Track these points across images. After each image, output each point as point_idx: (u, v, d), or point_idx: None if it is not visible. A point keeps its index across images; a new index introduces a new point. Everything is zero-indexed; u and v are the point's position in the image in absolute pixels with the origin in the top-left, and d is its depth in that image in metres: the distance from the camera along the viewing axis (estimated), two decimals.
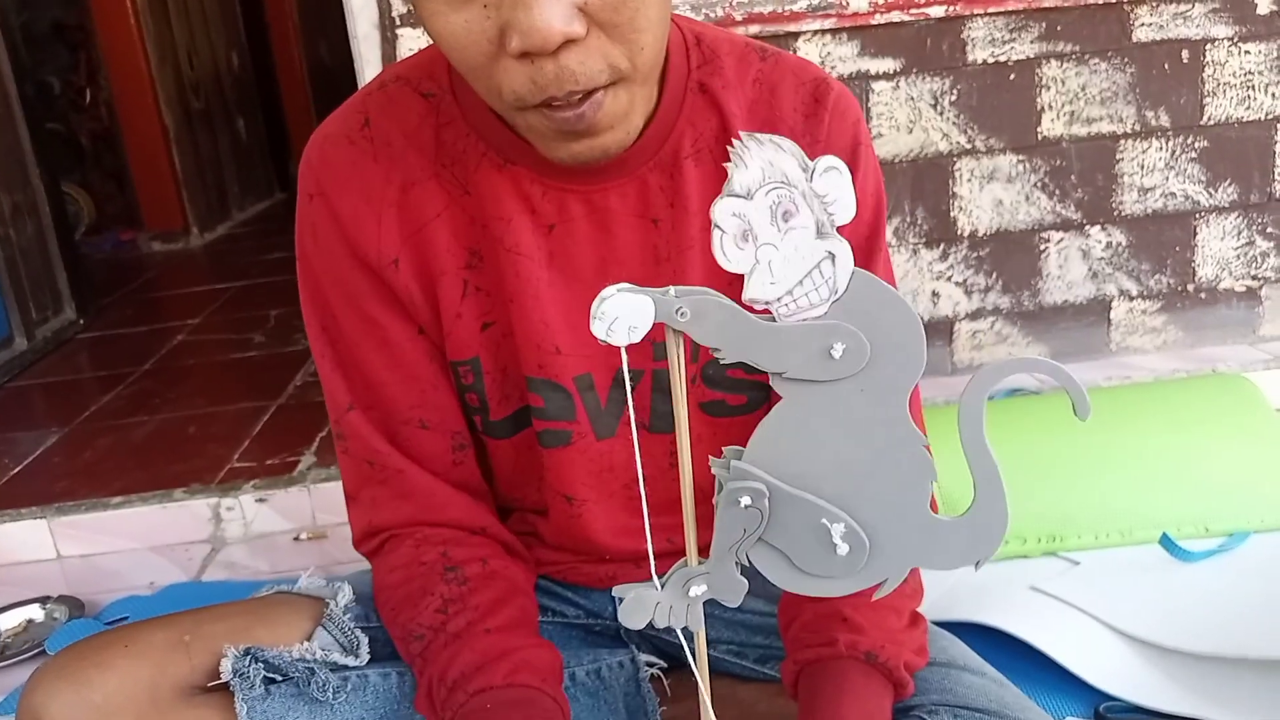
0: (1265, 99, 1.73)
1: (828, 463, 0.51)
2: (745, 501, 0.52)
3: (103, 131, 3.85)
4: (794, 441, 0.51)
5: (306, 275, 0.81)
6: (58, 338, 2.72)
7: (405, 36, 1.57)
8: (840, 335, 0.48)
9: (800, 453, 0.51)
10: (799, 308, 0.48)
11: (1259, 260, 1.82)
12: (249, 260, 3.56)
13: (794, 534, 0.53)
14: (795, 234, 0.46)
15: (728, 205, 0.46)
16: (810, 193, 0.46)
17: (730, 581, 0.54)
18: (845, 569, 0.53)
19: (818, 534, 0.52)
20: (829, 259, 0.47)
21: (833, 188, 0.46)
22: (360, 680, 0.80)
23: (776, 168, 0.46)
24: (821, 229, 0.46)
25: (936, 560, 0.53)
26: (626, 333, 0.49)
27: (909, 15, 1.62)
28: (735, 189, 0.46)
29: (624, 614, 0.56)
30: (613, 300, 0.48)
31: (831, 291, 0.47)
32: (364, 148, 0.77)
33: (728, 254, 0.47)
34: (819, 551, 0.53)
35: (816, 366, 0.49)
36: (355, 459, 0.83)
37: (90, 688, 0.72)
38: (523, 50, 0.59)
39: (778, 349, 0.49)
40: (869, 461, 0.51)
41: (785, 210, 0.46)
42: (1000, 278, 1.79)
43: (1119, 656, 1.09)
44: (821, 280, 0.47)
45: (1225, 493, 1.30)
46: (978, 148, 1.72)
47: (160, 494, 1.66)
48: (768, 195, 0.46)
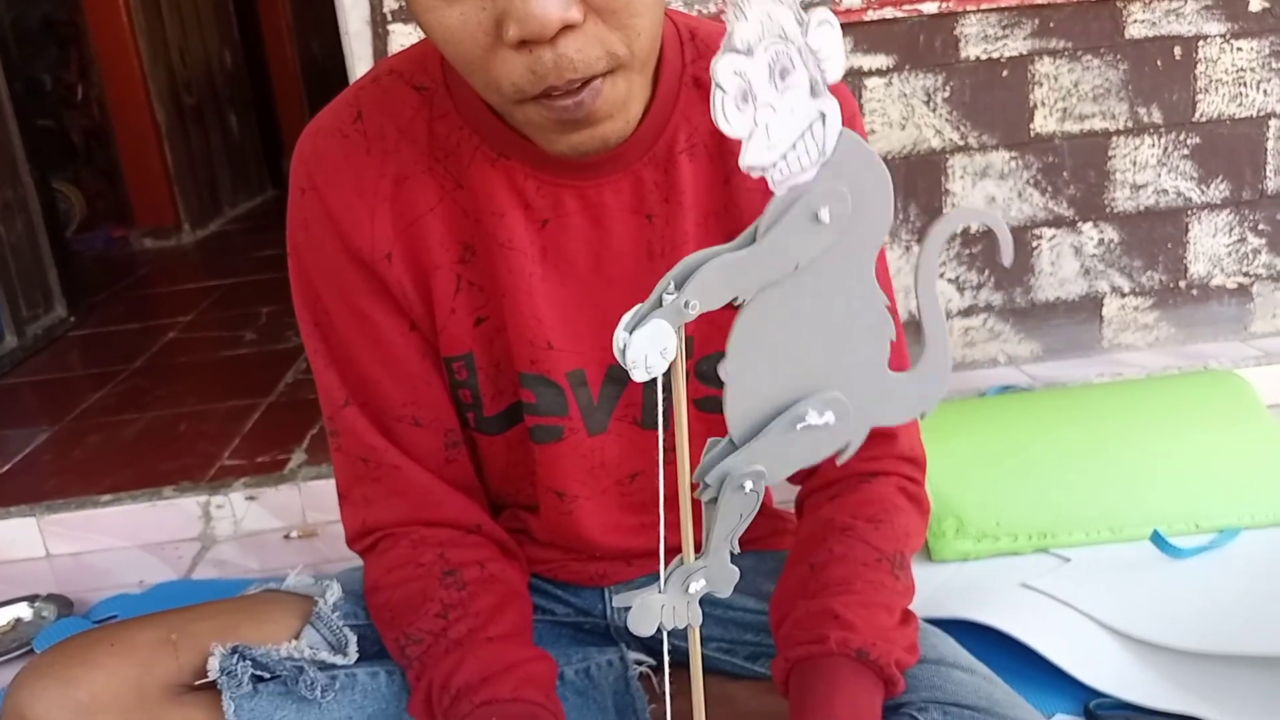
0: (1257, 96, 1.73)
1: (800, 345, 0.50)
2: (749, 486, 0.52)
3: (94, 128, 3.83)
4: (772, 349, 0.50)
5: (299, 270, 0.81)
6: (48, 335, 2.71)
7: (397, 33, 1.56)
8: (821, 198, 0.46)
9: (773, 353, 0.50)
10: (791, 171, 0.46)
11: (1250, 257, 1.82)
12: (241, 257, 3.55)
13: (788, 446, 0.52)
14: (792, 93, 0.44)
15: (729, 62, 0.43)
16: (806, 48, 0.43)
17: (724, 572, 0.54)
18: (833, 439, 0.52)
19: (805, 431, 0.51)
20: (820, 119, 0.45)
21: (826, 42, 0.44)
22: (349, 679, 0.80)
23: (775, 21, 0.43)
24: (815, 87, 0.44)
25: (889, 415, 0.53)
26: (661, 359, 0.48)
27: (902, 12, 1.62)
28: (735, 44, 0.43)
29: (634, 623, 0.55)
30: (633, 342, 0.47)
31: (820, 153, 0.45)
32: (357, 141, 0.76)
33: (729, 117, 0.44)
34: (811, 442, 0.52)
35: (805, 243, 0.47)
36: (349, 456, 0.82)
37: (76, 686, 0.72)
38: (520, 38, 0.59)
39: (760, 260, 0.48)
40: (838, 327, 0.51)
41: (783, 67, 0.43)
42: (993, 274, 1.79)
43: (1109, 653, 1.09)
44: (813, 142, 0.45)
45: (1216, 489, 1.30)
46: (970, 144, 1.71)
47: (150, 492, 1.65)
48: (767, 51, 0.43)
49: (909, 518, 0.82)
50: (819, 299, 0.49)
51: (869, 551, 0.78)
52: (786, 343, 0.50)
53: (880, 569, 0.77)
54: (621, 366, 0.48)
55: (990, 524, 1.28)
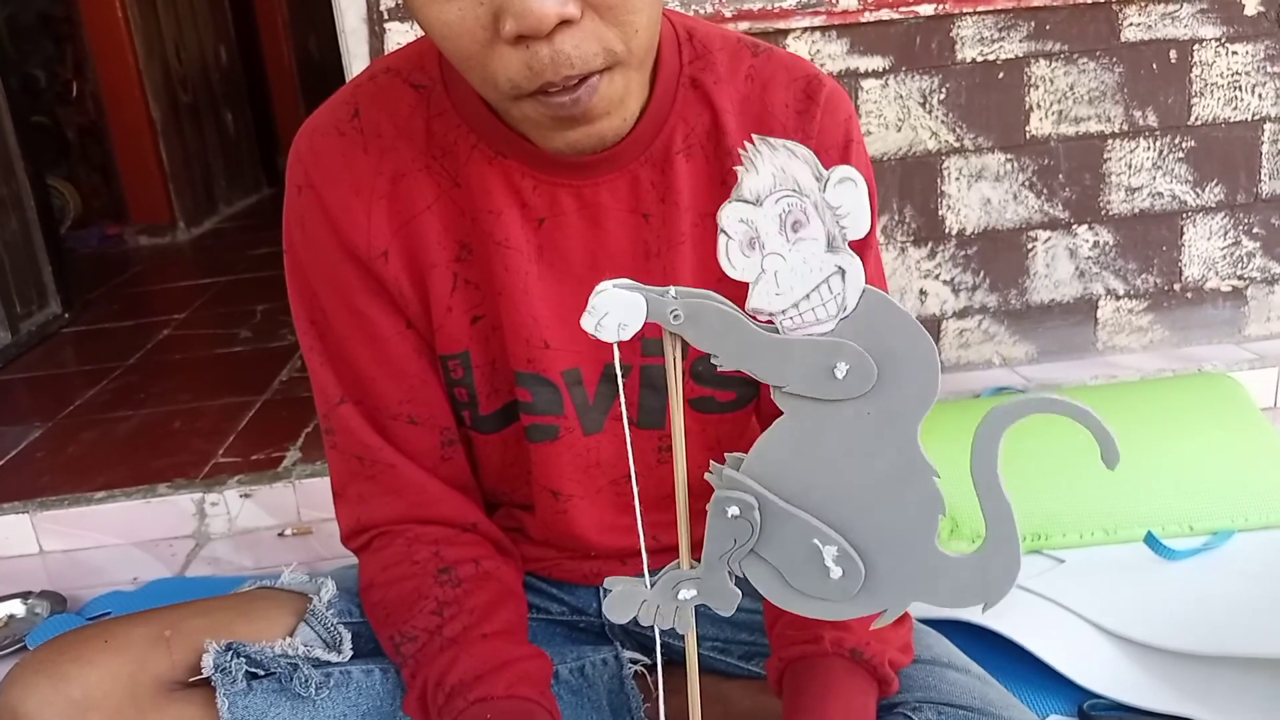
0: (1252, 99, 1.74)
1: (827, 483, 0.49)
2: (733, 512, 0.51)
3: (89, 125, 3.82)
4: (794, 457, 0.49)
5: (294, 268, 0.80)
6: (42, 332, 2.70)
7: (393, 31, 1.56)
8: (844, 355, 0.46)
9: (799, 469, 0.50)
10: (805, 322, 0.46)
11: (1245, 260, 1.83)
12: (235, 255, 3.54)
13: (787, 551, 0.51)
14: (804, 245, 0.45)
15: (735, 211, 0.45)
16: (823, 203, 0.44)
17: (722, 590, 0.54)
18: (839, 592, 0.51)
19: (810, 554, 0.50)
20: (839, 274, 0.45)
21: (847, 199, 0.44)
22: (343, 676, 0.79)
23: (788, 174, 0.44)
24: (833, 242, 0.45)
25: (941, 597, 0.51)
26: (616, 329, 0.48)
27: (898, 13, 1.62)
28: (744, 194, 0.44)
29: (609, 606, 0.55)
30: (605, 295, 0.47)
31: (840, 309, 0.45)
32: (353, 139, 0.76)
33: (733, 261, 0.45)
34: (812, 571, 0.51)
35: (819, 384, 0.47)
36: (344, 454, 0.82)
37: (68, 683, 0.72)
38: (517, 34, 0.59)
39: (778, 362, 0.47)
40: (872, 488, 0.49)
41: (795, 220, 0.44)
42: (988, 276, 1.79)
43: (1103, 654, 1.09)
44: (830, 296, 0.45)
45: (1210, 491, 1.30)
46: (966, 146, 1.72)
47: (144, 489, 1.65)
48: (778, 203, 0.44)
49: None
50: (850, 451, 0.48)
51: None
52: (816, 466, 0.49)
53: None
54: (623, 368, 0.48)
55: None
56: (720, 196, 0.77)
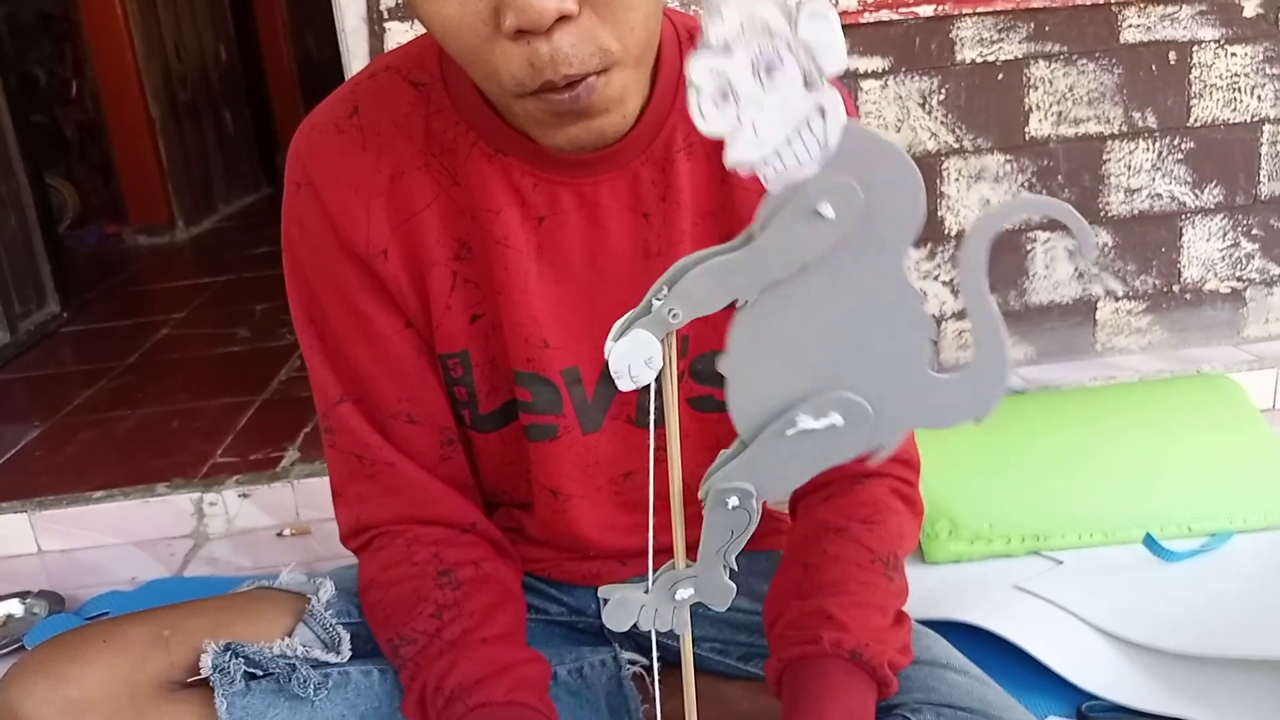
0: (1251, 101, 1.74)
1: (813, 350, 0.48)
2: (733, 502, 0.51)
3: (88, 123, 3.82)
4: (775, 348, 0.48)
5: (293, 267, 0.80)
6: (40, 331, 2.70)
7: (393, 30, 1.56)
8: (824, 193, 0.44)
9: (781, 359, 0.48)
10: (787, 169, 0.44)
11: (1244, 262, 1.83)
12: (234, 254, 3.54)
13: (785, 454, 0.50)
14: (780, 88, 0.42)
15: (703, 62, 0.42)
16: (795, 42, 0.42)
17: (718, 586, 0.53)
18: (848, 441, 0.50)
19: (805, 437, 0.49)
20: (819, 113, 0.43)
21: (820, 33, 0.41)
22: (341, 677, 0.79)
23: (756, 17, 0.41)
24: (809, 80, 0.42)
25: (934, 418, 0.49)
26: (646, 369, 0.48)
27: (898, 14, 1.62)
28: (710, 41, 0.42)
29: (609, 616, 0.55)
30: (615, 351, 0.47)
31: (822, 148, 0.43)
32: (353, 136, 0.76)
33: (705, 115, 0.43)
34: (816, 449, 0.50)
35: (808, 240, 0.45)
36: (343, 453, 0.82)
37: (67, 683, 0.72)
38: (517, 28, 0.59)
39: (758, 260, 0.46)
40: (863, 328, 0.48)
41: (768, 63, 0.42)
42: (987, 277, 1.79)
43: (1102, 656, 1.09)
44: (811, 137, 0.43)
45: (1208, 493, 1.30)
46: (965, 147, 1.72)
47: (142, 488, 1.65)
48: (749, 48, 0.42)
49: (902, 519, 0.82)
50: (833, 298, 0.47)
51: (862, 553, 0.78)
52: (791, 343, 0.48)
53: (874, 570, 0.77)
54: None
55: (983, 526, 1.28)
56: (720, 196, 0.77)
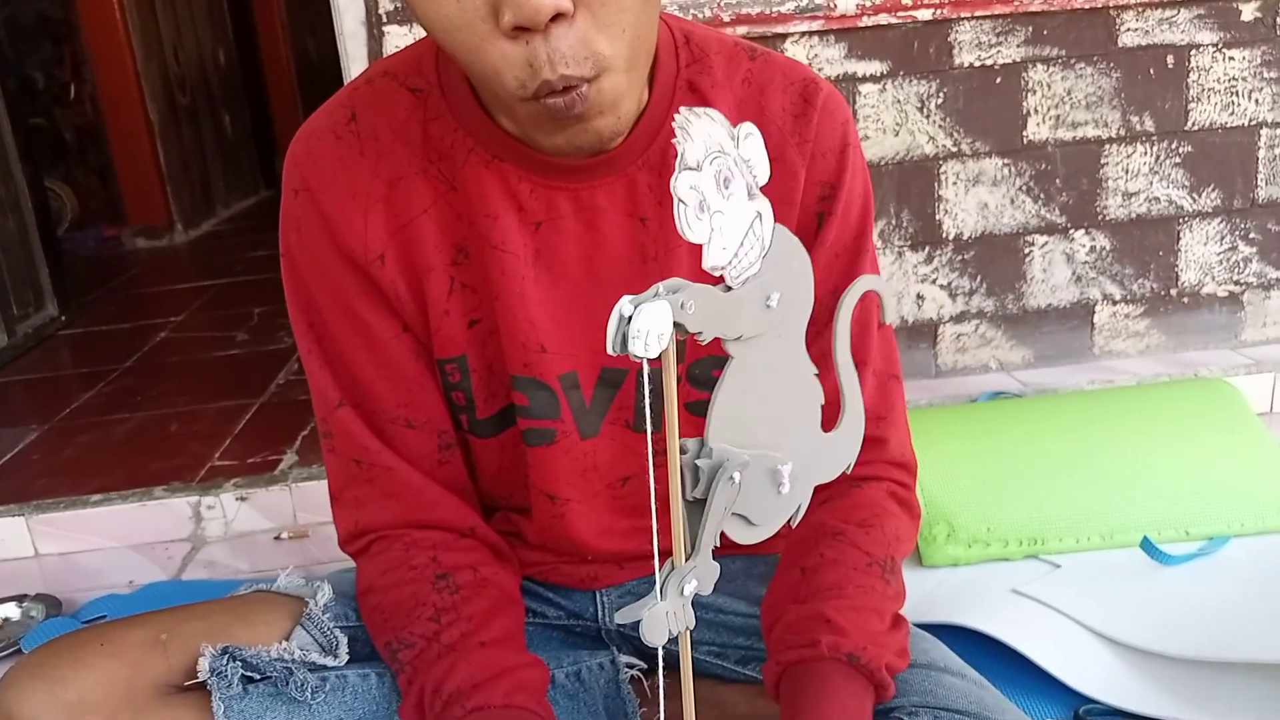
0: (1249, 105, 1.74)
1: (767, 413, 0.55)
2: (737, 477, 0.54)
3: (87, 126, 3.82)
4: (744, 405, 0.55)
5: (291, 272, 0.80)
6: (39, 334, 2.70)
7: (392, 34, 1.56)
8: (771, 285, 0.52)
9: (751, 414, 0.55)
10: (743, 268, 0.51)
11: (1241, 265, 1.83)
12: (233, 257, 3.54)
13: (752, 491, 0.56)
14: (735, 199, 0.49)
15: (686, 179, 0.48)
16: (739, 158, 0.49)
17: (709, 568, 0.56)
18: (785, 506, 0.58)
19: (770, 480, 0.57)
20: (758, 218, 0.50)
21: (754, 152, 0.50)
22: (339, 680, 0.79)
23: (714, 139, 0.48)
24: (750, 191, 0.50)
25: (823, 473, 0.59)
26: (658, 341, 0.49)
27: (896, 18, 1.62)
28: (688, 162, 0.48)
29: (649, 634, 0.55)
30: (644, 314, 0.49)
31: (764, 248, 0.51)
32: (350, 142, 0.76)
33: (691, 226, 0.49)
34: (768, 499, 0.57)
35: (760, 319, 0.53)
36: (342, 457, 0.82)
37: (64, 686, 0.72)
38: (514, 24, 0.60)
39: (737, 314, 0.53)
40: (789, 401, 0.56)
41: (726, 177, 0.49)
42: (985, 281, 1.79)
43: (1099, 659, 1.09)
44: (755, 239, 0.51)
45: (1206, 497, 1.31)
46: (964, 151, 1.72)
47: (140, 492, 1.65)
48: (712, 165, 0.48)
49: (899, 522, 0.82)
50: (769, 373, 0.56)
51: (860, 556, 0.78)
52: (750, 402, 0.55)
53: (871, 573, 0.77)
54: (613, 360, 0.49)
55: (981, 529, 1.28)
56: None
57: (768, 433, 0.56)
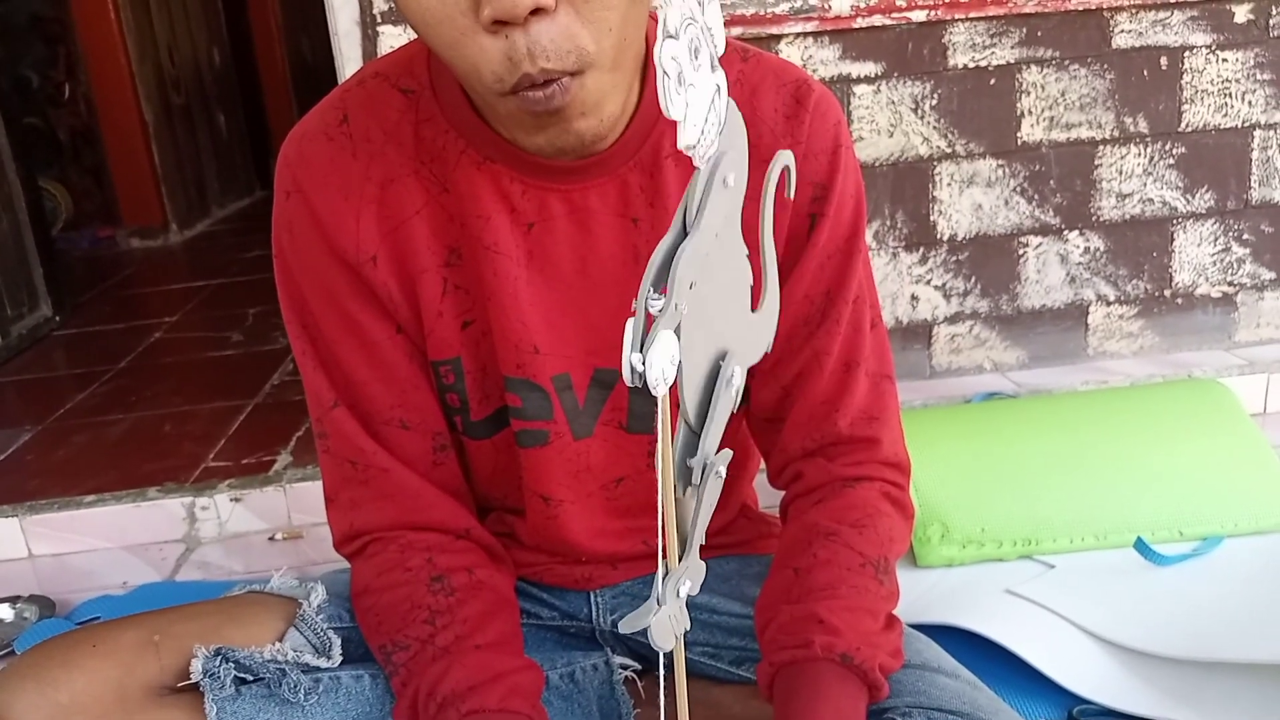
0: (1242, 106, 1.75)
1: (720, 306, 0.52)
2: (723, 470, 0.52)
3: (81, 127, 3.81)
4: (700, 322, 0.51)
5: (284, 274, 0.80)
6: (33, 335, 2.69)
7: (386, 34, 1.56)
8: (724, 165, 0.48)
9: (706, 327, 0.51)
10: (707, 145, 0.47)
11: (1235, 266, 1.84)
12: (228, 258, 3.54)
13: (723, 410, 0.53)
14: (703, 70, 0.45)
15: (669, 49, 0.44)
16: (705, 25, 0.45)
17: (698, 568, 0.55)
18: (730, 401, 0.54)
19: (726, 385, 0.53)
20: (717, 91, 0.46)
21: (715, 18, 0.45)
22: (332, 682, 0.79)
23: (688, 3, 0.44)
24: (713, 62, 0.46)
25: (751, 355, 0.55)
26: (673, 367, 0.48)
27: (890, 19, 1.63)
28: (669, 29, 0.44)
29: (658, 639, 0.55)
30: (653, 362, 0.48)
31: (720, 122, 0.47)
32: (342, 144, 0.76)
33: (672, 100, 0.45)
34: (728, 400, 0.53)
35: (719, 210, 0.49)
36: (337, 458, 0.82)
37: (56, 688, 0.71)
38: (494, 18, 0.60)
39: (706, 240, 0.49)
40: (735, 285, 0.53)
41: (696, 47, 0.45)
42: (979, 282, 1.80)
43: (1093, 660, 1.09)
44: (714, 114, 0.47)
45: (1199, 497, 1.31)
46: (958, 152, 1.72)
47: (134, 493, 1.64)
48: (687, 32, 0.44)
49: (893, 523, 0.82)
50: (726, 262, 0.51)
51: (853, 556, 0.78)
52: (710, 310, 0.51)
53: (864, 574, 0.77)
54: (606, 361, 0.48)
55: (975, 530, 1.29)
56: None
57: (722, 326, 0.52)
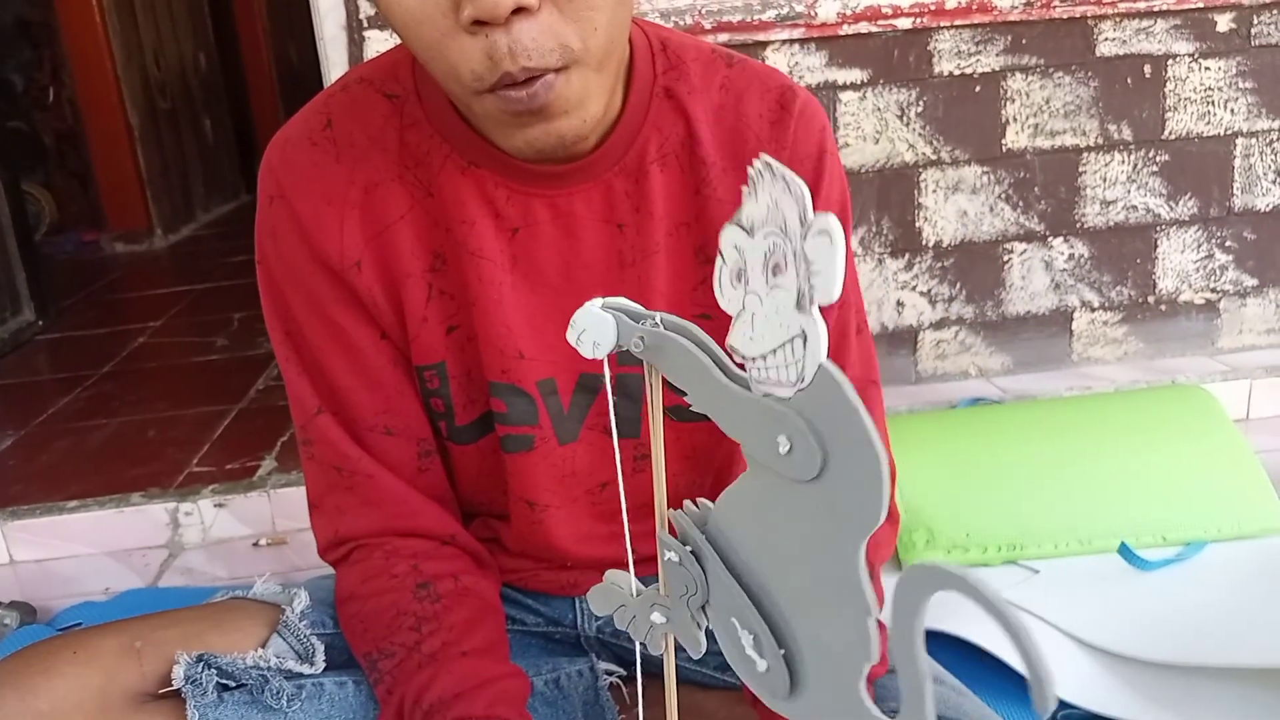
0: (1224, 114, 1.76)
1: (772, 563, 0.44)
2: (671, 558, 0.48)
3: (66, 130, 3.79)
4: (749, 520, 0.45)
5: (267, 280, 0.80)
6: (15, 339, 2.67)
7: (372, 39, 1.56)
8: (786, 427, 0.40)
9: (751, 533, 0.45)
10: (770, 379, 0.40)
11: (1218, 273, 1.85)
12: (213, 262, 3.52)
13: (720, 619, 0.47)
14: (778, 294, 0.39)
15: (731, 235, 0.40)
16: (800, 252, 0.38)
17: (688, 632, 0.50)
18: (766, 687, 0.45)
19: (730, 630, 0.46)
20: (801, 338, 0.39)
21: (821, 255, 0.37)
22: (315, 688, 0.79)
23: (779, 210, 0.38)
24: (801, 300, 0.38)
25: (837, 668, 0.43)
26: (592, 347, 0.48)
27: (876, 26, 1.63)
28: (742, 220, 0.39)
29: (593, 596, 0.55)
30: (584, 312, 0.47)
31: (798, 377, 0.39)
32: (326, 149, 0.76)
33: (722, 288, 0.41)
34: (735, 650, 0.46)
35: (768, 453, 0.41)
36: (322, 465, 0.82)
37: (36, 695, 0.71)
38: (475, 18, 0.59)
39: (736, 417, 0.43)
40: (810, 591, 0.43)
41: (776, 263, 0.39)
42: (964, 288, 1.80)
43: (1077, 665, 1.10)
44: (791, 359, 0.39)
45: (1183, 502, 1.32)
46: (943, 159, 1.73)
47: (117, 498, 1.63)
48: (766, 238, 0.39)
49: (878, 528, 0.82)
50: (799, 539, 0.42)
51: None
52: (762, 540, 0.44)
53: None
54: (591, 366, 0.48)
55: (960, 535, 1.29)
56: (694, 207, 0.77)
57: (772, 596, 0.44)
